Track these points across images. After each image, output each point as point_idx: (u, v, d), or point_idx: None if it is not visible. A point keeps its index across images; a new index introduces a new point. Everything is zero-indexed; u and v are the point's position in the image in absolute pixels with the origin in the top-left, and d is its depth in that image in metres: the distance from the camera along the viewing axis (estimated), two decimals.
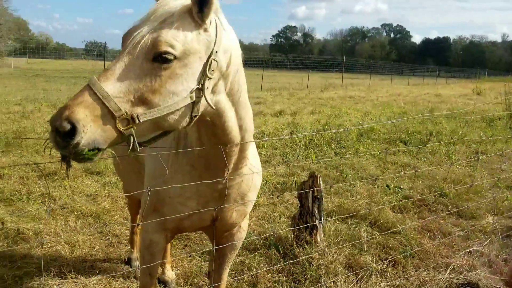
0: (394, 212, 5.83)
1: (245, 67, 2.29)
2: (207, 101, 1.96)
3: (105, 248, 4.81)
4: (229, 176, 2.45)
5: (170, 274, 4.16)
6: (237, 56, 2.14)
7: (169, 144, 2.57)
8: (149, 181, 2.71)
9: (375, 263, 4.43)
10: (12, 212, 5.64)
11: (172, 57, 1.81)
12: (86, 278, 4.16)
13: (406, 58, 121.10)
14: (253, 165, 2.64)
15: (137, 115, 1.76)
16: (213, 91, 2.05)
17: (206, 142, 2.32)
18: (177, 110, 1.87)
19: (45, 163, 6.33)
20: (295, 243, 4.54)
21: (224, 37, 2.02)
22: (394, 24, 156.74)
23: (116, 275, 4.29)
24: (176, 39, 1.83)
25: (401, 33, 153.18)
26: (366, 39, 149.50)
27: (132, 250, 4.54)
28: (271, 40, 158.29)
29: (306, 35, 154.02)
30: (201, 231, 3.60)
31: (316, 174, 4.55)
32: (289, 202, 6.06)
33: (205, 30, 1.93)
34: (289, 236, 4.77)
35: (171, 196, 2.54)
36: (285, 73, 54.35)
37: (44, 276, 4.12)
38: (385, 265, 4.42)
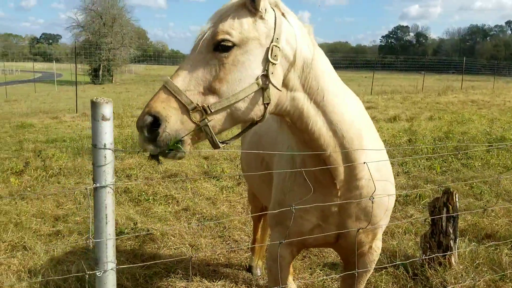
0: None
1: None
2: (273, 84, 1.95)
3: (226, 253, 4.88)
4: (342, 190, 2.33)
5: (292, 286, 4.05)
6: (304, 51, 2.08)
7: (286, 155, 2.54)
8: (275, 193, 2.67)
9: None
10: (141, 213, 6.01)
11: (231, 44, 1.89)
12: (210, 283, 4.24)
13: None
14: (375, 179, 2.37)
15: (208, 106, 1.85)
16: (286, 85, 2.04)
17: (300, 150, 2.29)
18: (246, 97, 1.91)
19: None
20: (427, 264, 4.17)
21: (285, 28, 2.02)
22: None
23: (238, 281, 4.32)
24: (232, 27, 1.91)
25: None
26: (488, 38, 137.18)
27: (253, 257, 4.54)
28: (380, 41, 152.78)
29: (419, 34, 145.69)
30: (329, 248, 3.45)
31: (451, 190, 4.14)
32: (413, 218, 5.64)
33: (261, 17, 1.97)
34: (418, 255, 4.40)
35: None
36: (395, 75, 52.05)
37: (172, 278, 4.28)
38: None
